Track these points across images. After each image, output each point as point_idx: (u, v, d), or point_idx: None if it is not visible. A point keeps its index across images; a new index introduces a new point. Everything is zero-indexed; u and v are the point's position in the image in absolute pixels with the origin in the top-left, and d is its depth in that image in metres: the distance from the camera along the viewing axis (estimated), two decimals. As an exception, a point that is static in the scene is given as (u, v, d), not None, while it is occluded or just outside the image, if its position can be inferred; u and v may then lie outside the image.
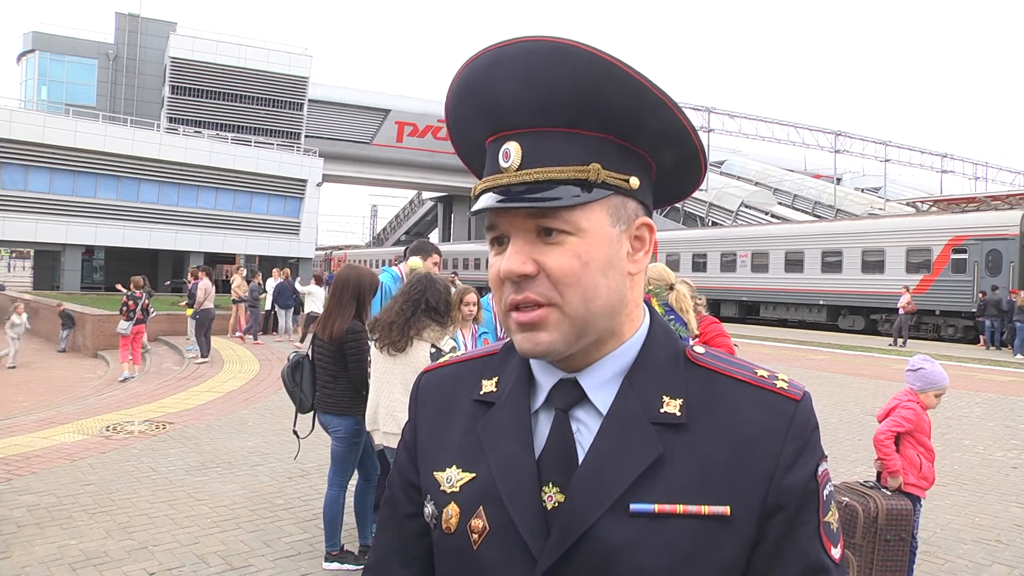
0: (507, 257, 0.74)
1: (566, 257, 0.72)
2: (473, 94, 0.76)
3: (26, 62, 38.17)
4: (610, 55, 0.70)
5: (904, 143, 54.35)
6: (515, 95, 0.72)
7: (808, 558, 0.72)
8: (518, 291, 0.74)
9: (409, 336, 3.49)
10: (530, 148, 0.73)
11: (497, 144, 0.76)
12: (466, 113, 0.79)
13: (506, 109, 0.74)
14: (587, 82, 0.71)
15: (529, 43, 0.72)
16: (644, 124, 0.74)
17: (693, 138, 0.77)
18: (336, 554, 3.89)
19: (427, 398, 0.90)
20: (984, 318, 17.40)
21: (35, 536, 4.21)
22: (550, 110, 0.72)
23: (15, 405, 9.63)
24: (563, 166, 0.72)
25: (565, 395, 0.78)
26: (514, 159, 0.73)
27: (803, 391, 0.77)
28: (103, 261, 35.77)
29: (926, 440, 3.61)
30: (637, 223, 0.78)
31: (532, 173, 0.72)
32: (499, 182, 0.74)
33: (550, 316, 0.73)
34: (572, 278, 0.72)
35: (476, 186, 0.79)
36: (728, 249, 25.64)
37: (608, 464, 0.73)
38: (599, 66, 0.70)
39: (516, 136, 0.74)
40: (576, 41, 0.70)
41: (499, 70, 0.73)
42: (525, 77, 0.71)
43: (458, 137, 0.83)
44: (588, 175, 0.72)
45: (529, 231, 0.74)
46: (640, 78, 0.71)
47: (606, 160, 0.74)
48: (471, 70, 0.75)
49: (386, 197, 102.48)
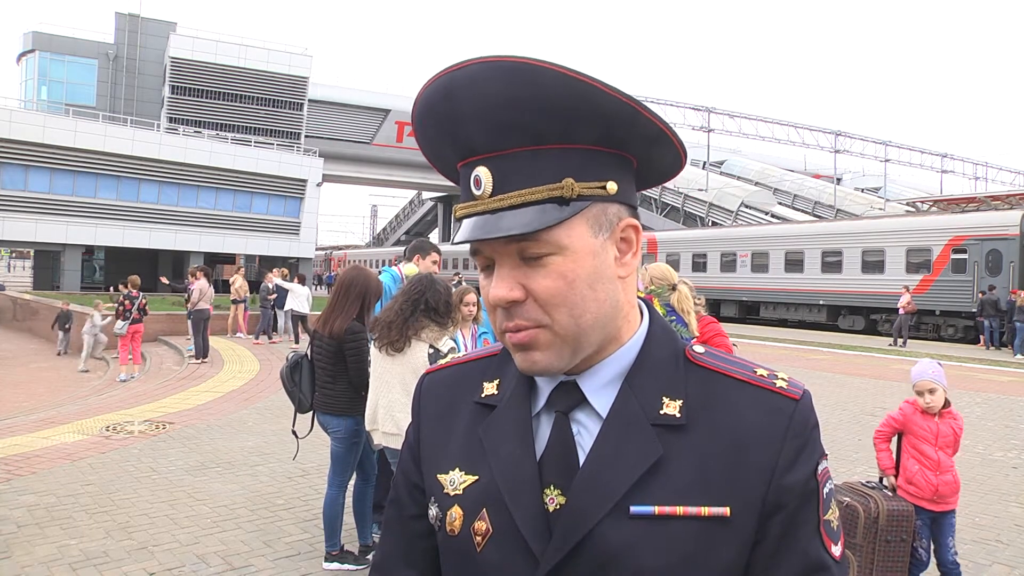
0: (493, 285, 0.74)
1: (551, 279, 0.72)
2: (435, 120, 0.74)
3: (26, 62, 38.17)
4: (567, 68, 0.69)
5: (904, 143, 54.47)
6: (476, 119, 0.71)
7: (809, 556, 0.73)
8: (509, 317, 0.74)
9: (407, 336, 3.49)
10: (500, 172, 0.72)
11: (468, 170, 0.74)
12: (432, 139, 0.77)
13: (470, 134, 0.72)
14: (548, 97, 0.69)
15: (482, 64, 0.69)
16: (612, 129, 0.73)
17: (666, 132, 0.75)
18: (336, 554, 3.89)
19: (430, 400, 0.91)
20: (984, 318, 17.41)
21: (35, 536, 4.21)
22: (513, 131, 0.70)
23: (15, 405, 9.63)
24: (536, 186, 0.71)
25: (565, 398, 0.78)
26: (485, 186, 0.72)
27: (803, 390, 0.76)
28: (103, 261, 35.79)
29: (921, 445, 3.46)
30: (621, 226, 0.76)
31: (505, 199, 0.71)
32: (476, 209, 0.74)
33: (540, 336, 0.73)
34: (559, 298, 0.72)
35: (456, 210, 0.78)
36: (728, 249, 25.63)
37: (608, 466, 0.73)
38: (558, 81, 0.68)
39: (485, 161, 0.72)
40: (531, 58, 0.69)
41: (456, 95, 0.70)
42: (483, 100, 0.69)
43: (432, 160, 0.82)
44: (562, 192, 0.71)
45: (512, 255, 0.73)
46: (593, 82, 0.69)
47: (579, 172, 0.72)
48: (429, 96, 0.73)
49: (386, 197, 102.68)
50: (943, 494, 3.42)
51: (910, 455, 3.50)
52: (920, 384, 3.50)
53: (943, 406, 3.50)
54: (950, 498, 3.45)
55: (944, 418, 3.51)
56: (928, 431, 3.48)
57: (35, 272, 37.02)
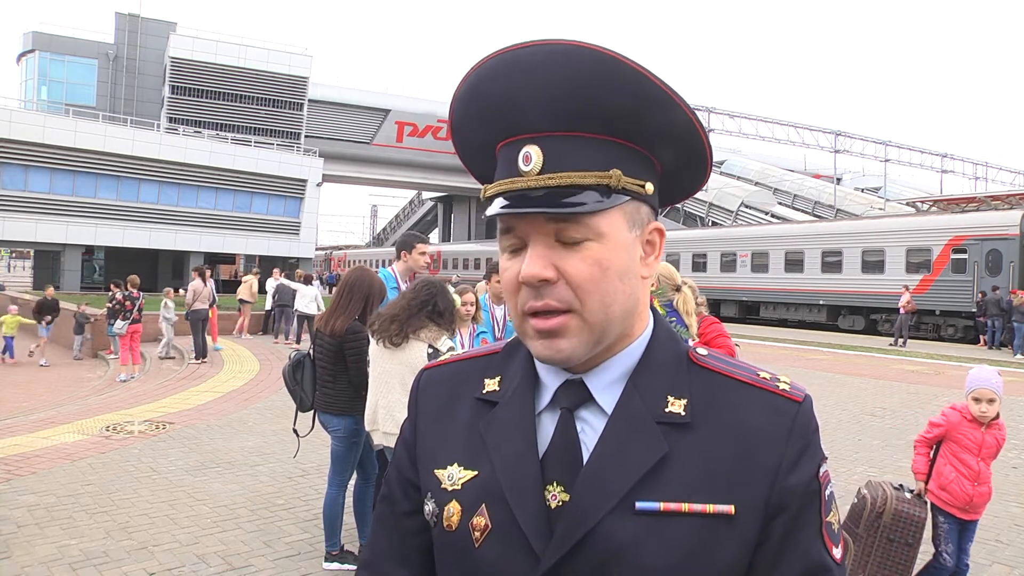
0: (527, 262, 0.73)
1: (587, 263, 0.72)
2: (487, 96, 0.75)
3: (26, 62, 38.17)
4: (635, 62, 0.70)
5: (904, 143, 54.35)
6: (535, 99, 0.71)
7: (810, 558, 0.73)
8: (537, 297, 0.73)
9: (407, 333, 3.49)
10: (551, 152, 0.72)
11: (514, 147, 0.74)
12: (477, 115, 0.77)
13: (525, 112, 0.73)
14: (612, 89, 0.70)
15: (550, 46, 0.71)
16: (665, 133, 0.75)
17: (706, 146, 0.78)
18: (336, 554, 3.89)
19: (427, 396, 0.90)
20: (985, 318, 17.41)
21: (35, 536, 4.21)
22: (572, 115, 0.71)
23: (15, 405, 9.63)
24: (585, 171, 0.72)
25: (571, 395, 0.78)
26: (535, 163, 0.72)
27: (804, 394, 0.77)
28: (103, 261, 35.76)
29: (963, 454, 3.28)
30: (649, 228, 0.78)
31: (555, 177, 0.72)
32: (516, 186, 0.73)
33: (570, 323, 0.73)
34: (592, 284, 0.72)
35: (486, 189, 0.78)
36: (728, 249, 25.64)
37: (613, 463, 0.73)
38: (625, 73, 0.70)
39: (536, 140, 0.73)
40: (598, 46, 0.70)
41: (518, 73, 0.71)
42: (546, 81, 0.70)
43: (463, 139, 0.82)
44: (609, 181, 0.72)
45: (548, 235, 0.73)
46: (665, 88, 0.72)
47: (625, 166, 0.74)
48: (485, 71, 0.74)
49: (386, 197, 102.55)
50: (976, 504, 3.30)
51: (948, 462, 3.34)
52: (980, 392, 3.28)
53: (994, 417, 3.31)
54: (981, 508, 3.34)
55: (991, 429, 3.33)
56: (973, 441, 3.31)
57: (35, 272, 37.02)
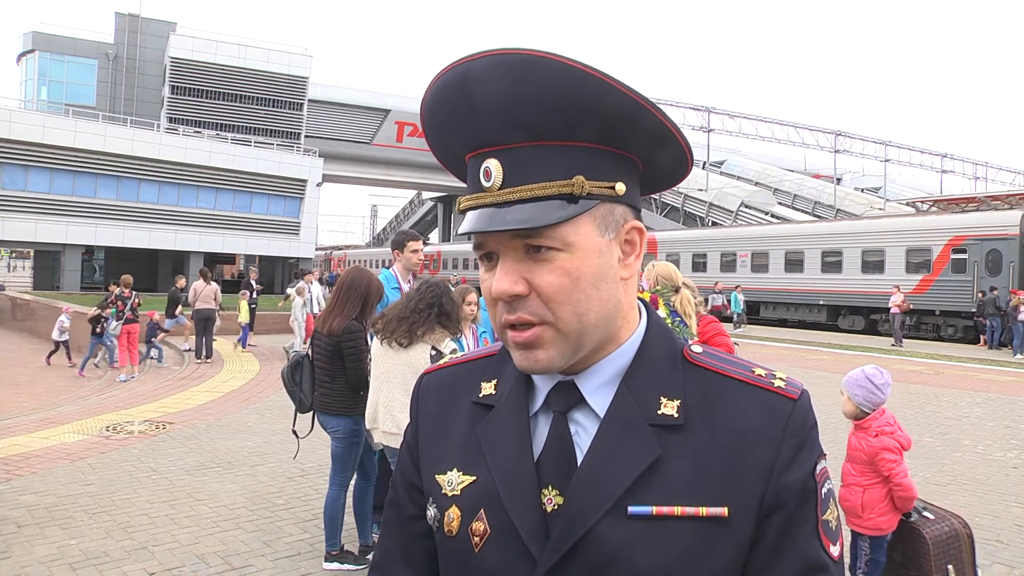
0: (497, 278, 0.73)
1: (555, 275, 0.71)
2: (447, 110, 0.74)
3: (26, 62, 38.17)
4: (585, 64, 0.68)
5: (904, 143, 54.46)
6: (490, 111, 0.70)
7: (807, 556, 0.72)
8: (511, 311, 0.73)
9: (414, 334, 3.49)
10: (511, 165, 0.71)
11: (477, 161, 0.74)
12: (441, 129, 0.77)
13: (482, 125, 0.71)
14: (565, 94, 0.69)
15: (500, 56, 0.69)
16: (626, 130, 0.73)
17: (676, 135, 0.75)
18: (336, 554, 3.89)
19: (428, 400, 0.91)
20: (985, 318, 17.41)
21: (35, 536, 4.21)
22: (528, 125, 0.70)
23: (15, 405, 9.63)
24: (546, 182, 0.71)
25: (563, 398, 0.78)
26: (495, 178, 0.72)
27: (801, 389, 0.76)
28: (103, 261, 35.78)
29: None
30: (626, 228, 0.77)
31: (515, 192, 0.71)
32: (483, 201, 0.73)
33: (544, 334, 0.73)
34: (563, 295, 0.72)
35: (460, 202, 0.78)
36: (728, 249, 25.63)
37: (606, 466, 0.73)
38: (575, 77, 0.68)
39: (495, 153, 0.72)
40: (549, 52, 0.68)
41: (472, 85, 0.70)
42: (499, 92, 0.69)
43: (438, 151, 0.81)
44: (572, 189, 0.71)
45: (517, 249, 0.73)
46: (617, 84, 0.69)
47: (590, 170, 0.72)
48: (442, 86, 0.73)
49: (386, 197, 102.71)
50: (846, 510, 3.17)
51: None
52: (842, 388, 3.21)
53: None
54: (850, 515, 3.15)
55: (856, 431, 3.28)
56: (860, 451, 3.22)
57: (35, 272, 37.01)
